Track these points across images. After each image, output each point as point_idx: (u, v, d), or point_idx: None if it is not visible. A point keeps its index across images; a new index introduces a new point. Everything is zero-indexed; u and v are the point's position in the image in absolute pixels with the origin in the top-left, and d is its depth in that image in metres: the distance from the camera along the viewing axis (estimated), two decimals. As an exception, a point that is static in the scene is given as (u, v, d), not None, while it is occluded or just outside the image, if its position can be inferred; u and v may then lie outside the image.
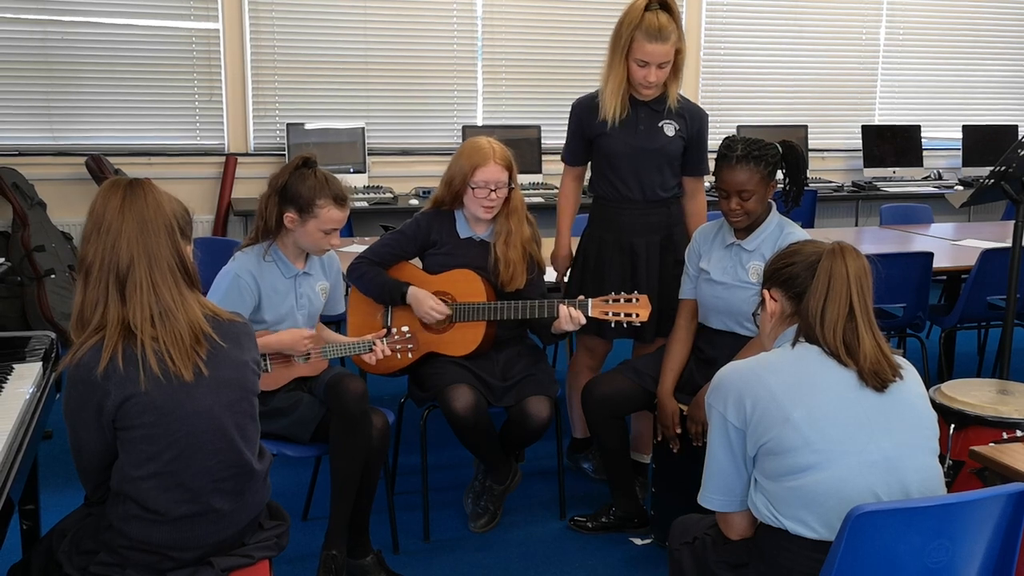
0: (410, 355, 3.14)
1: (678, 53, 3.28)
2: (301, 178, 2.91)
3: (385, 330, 3.12)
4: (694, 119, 3.43)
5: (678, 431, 3.08)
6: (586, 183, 3.62)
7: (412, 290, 3.26)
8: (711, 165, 3.28)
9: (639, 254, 3.43)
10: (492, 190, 3.20)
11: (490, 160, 3.20)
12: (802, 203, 3.19)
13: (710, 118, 3.54)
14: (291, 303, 3.00)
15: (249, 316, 2.84)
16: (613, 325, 3.17)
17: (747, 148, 2.93)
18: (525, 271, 3.30)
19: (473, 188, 3.21)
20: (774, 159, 2.97)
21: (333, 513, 2.92)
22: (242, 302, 2.87)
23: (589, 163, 3.55)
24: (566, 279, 3.66)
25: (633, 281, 3.42)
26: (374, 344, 3.03)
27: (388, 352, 3.05)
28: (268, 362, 2.95)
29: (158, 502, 1.95)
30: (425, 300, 3.23)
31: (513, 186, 3.27)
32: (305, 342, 2.95)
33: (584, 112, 3.43)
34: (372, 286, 3.31)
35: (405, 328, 3.10)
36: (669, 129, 3.37)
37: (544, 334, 3.39)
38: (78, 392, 1.92)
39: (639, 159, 3.37)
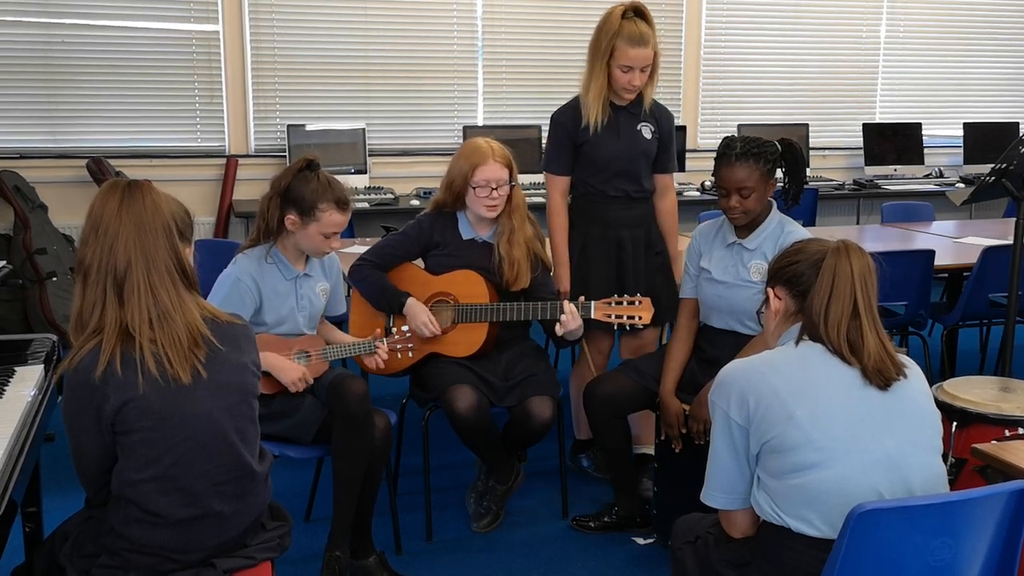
0: (410, 354, 3.14)
1: (655, 56, 3.40)
2: (304, 181, 2.91)
3: (385, 330, 3.12)
4: (664, 119, 3.56)
5: (683, 431, 3.08)
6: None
7: (410, 302, 3.25)
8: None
9: (625, 247, 3.50)
10: (493, 188, 3.21)
11: (489, 158, 3.21)
12: (803, 201, 3.21)
13: (711, 118, 3.60)
14: (292, 305, 3.00)
15: (250, 319, 2.83)
16: (616, 327, 3.19)
17: (746, 146, 2.95)
18: (529, 269, 3.30)
19: (474, 188, 3.22)
20: (773, 157, 2.98)
21: (336, 514, 2.92)
22: (243, 306, 2.86)
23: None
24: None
25: (619, 273, 3.49)
26: (376, 347, 3.03)
27: (390, 352, 3.05)
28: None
29: (159, 505, 1.95)
30: (419, 315, 3.22)
31: (514, 183, 3.28)
32: (298, 381, 2.89)
33: (569, 120, 3.50)
34: (373, 290, 3.31)
35: (405, 328, 3.10)
36: (646, 131, 3.50)
37: (559, 340, 3.31)
38: (77, 396, 1.91)
39: (622, 161, 3.47)
